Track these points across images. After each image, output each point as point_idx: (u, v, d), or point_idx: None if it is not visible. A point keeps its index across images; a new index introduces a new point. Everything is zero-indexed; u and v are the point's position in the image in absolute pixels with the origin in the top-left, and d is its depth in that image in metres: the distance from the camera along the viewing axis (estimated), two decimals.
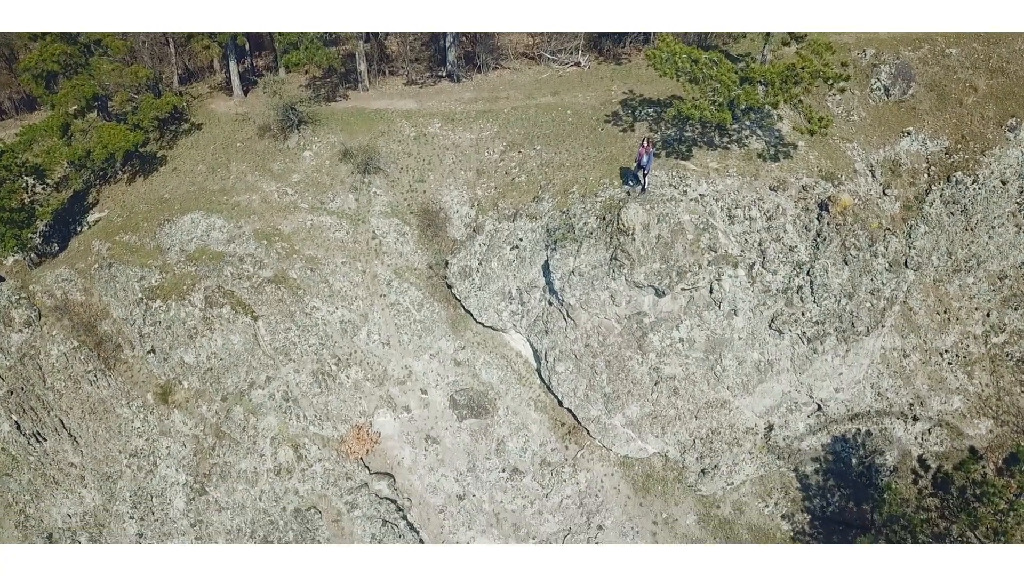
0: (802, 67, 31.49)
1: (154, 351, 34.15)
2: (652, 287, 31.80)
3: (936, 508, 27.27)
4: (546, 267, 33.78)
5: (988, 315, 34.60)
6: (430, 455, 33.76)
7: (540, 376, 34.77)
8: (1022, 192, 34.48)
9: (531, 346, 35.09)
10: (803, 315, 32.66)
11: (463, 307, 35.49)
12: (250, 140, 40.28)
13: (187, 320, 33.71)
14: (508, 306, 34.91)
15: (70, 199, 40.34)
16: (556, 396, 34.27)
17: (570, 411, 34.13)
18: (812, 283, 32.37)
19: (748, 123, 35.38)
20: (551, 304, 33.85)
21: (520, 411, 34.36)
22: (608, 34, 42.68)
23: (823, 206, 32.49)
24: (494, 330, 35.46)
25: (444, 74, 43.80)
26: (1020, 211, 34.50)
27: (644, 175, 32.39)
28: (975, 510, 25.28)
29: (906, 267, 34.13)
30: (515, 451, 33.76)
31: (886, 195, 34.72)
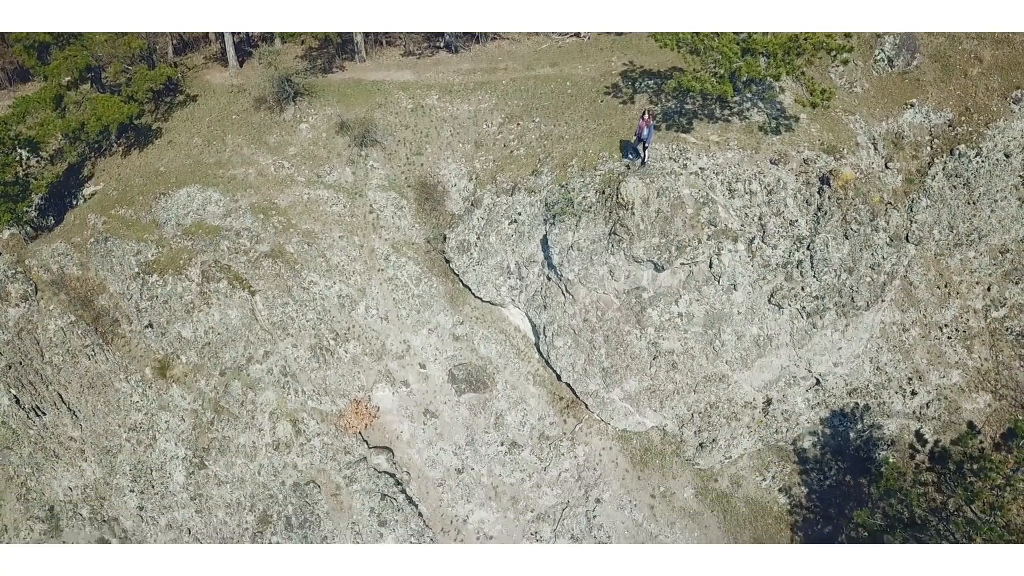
0: (805, 38, 30.99)
1: (152, 326, 34.07)
2: (651, 262, 31.61)
3: (933, 482, 27.34)
4: (545, 242, 33.57)
5: (989, 289, 34.44)
6: (429, 429, 33.83)
7: (539, 351, 34.73)
8: None
9: (530, 321, 35.00)
10: (803, 290, 32.51)
11: (461, 282, 35.34)
12: (246, 112, 39.84)
13: (184, 295, 33.58)
14: (507, 281, 34.76)
15: (65, 172, 39.99)
16: (554, 370, 34.25)
17: (568, 385, 34.14)
18: (812, 257, 32.17)
19: (749, 95, 34.92)
20: (550, 279, 33.69)
21: (519, 385, 34.37)
22: None
23: (824, 180, 32.18)
24: (492, 305, 35.35)
25: (442, 45, 43.17)
26: (1023, 184, 34.18)
27: (644, 148, 32.05)
28: (972, 484, 25.34)
29: (907, 241, 33.91)
30: (514, 425, 33.82)
31: (888, 168, 34.39)
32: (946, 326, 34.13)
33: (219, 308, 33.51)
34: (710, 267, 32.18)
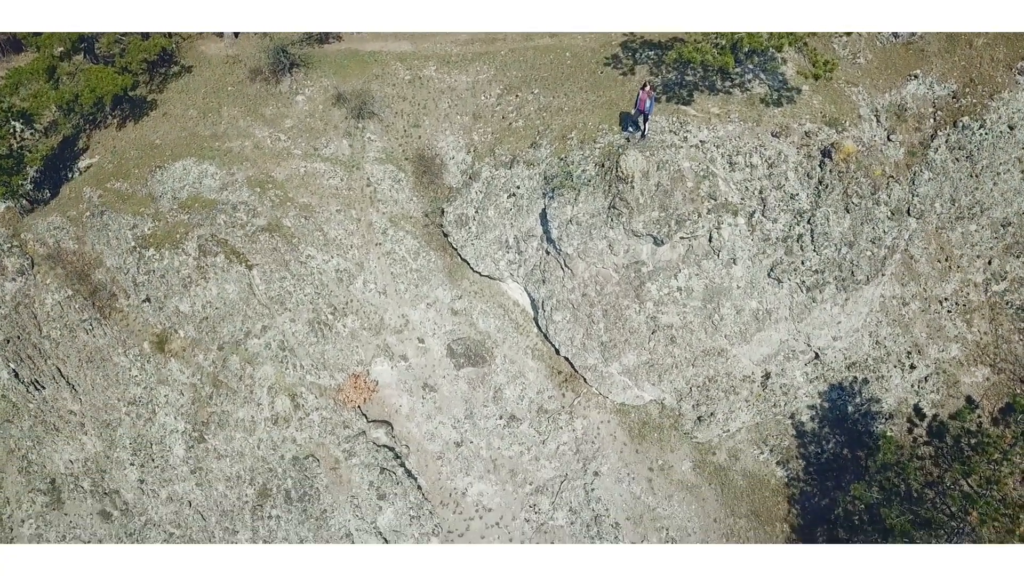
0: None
1: (149, 300, 33.97)
2: (651, 236, 31.42)
3: (930, 456, 27.48)
4: (544, 215, 33.34)
5: (989, 263, 34.28)
6: (428, 403, 33.88)
7: (537, 325, 34.66)
8: None
9: (528, 295, 34.88)
10: (803, 264, 32.36)
11: (460, 256, 35.16)
12: (241, 84, 39.32)
13: (181, 269, 33.43)
14: (505, 255, 34.59)
15: (60, 145, 39.60)
16: (553, 345, 34.22)
17: (567, 359, 34.13)
18: (813, 231, 31.97)
19: (751, 67, 34.46)
20: (548, 253, 33.51)
21: (517, 359, 34.36)
22: None
23: (826, 153, 31.87)
24: (491, 279, 35.22)
25: None
26: None
27: (645, 120, 31.69)
28: (969, 459, 25.44)
29: (908, 215, 33.68)
30: (512, 399, 33.87)
31: (890, 141, 34.04)
32: (946, 300, 34.03)
33: (216, 282, 33.38)
34: (710, 241, 32.00)
